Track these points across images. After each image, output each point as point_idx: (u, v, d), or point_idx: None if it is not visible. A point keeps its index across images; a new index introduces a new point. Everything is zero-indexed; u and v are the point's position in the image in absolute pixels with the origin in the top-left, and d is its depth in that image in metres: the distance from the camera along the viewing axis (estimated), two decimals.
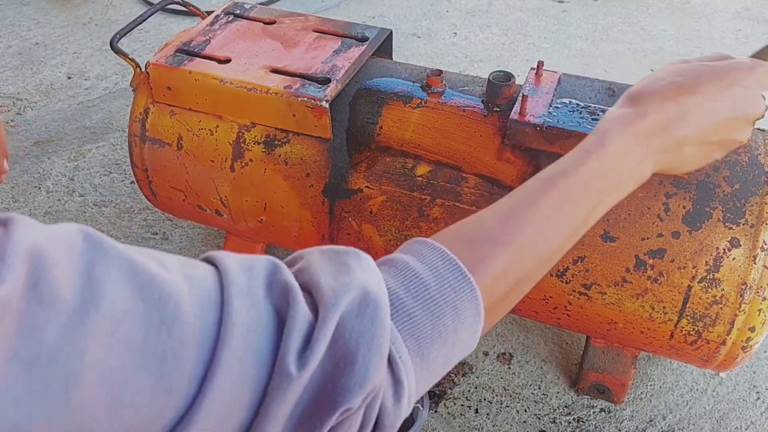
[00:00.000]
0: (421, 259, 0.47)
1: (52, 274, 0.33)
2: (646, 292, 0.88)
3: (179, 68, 1.00)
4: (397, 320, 0.44)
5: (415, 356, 0.44)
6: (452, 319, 0.45)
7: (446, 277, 0.46)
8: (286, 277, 0.42)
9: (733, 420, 1.08)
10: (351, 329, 0.40)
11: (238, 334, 0.38)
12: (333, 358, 0.40)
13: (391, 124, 0.97)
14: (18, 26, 2.08)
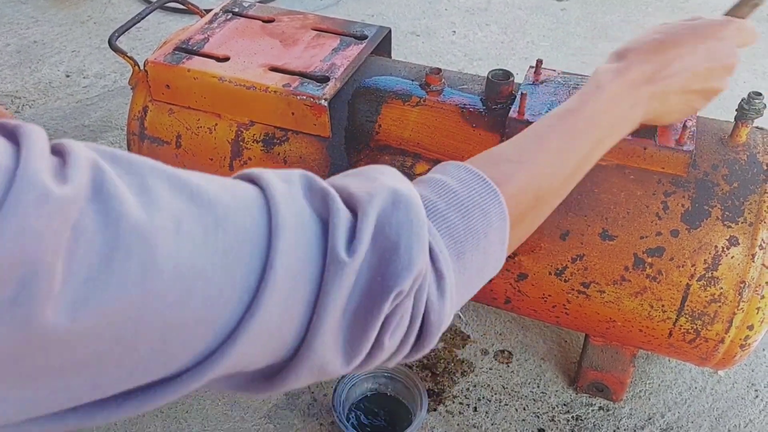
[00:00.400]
0: (448, 174, 0.52)
1: (113, 181, 0.35)
2: (644, 290, 0.88)
3: (178, 66, 1.00)
4: (432, 219, 0.47)
5: (452, 254, 0.47)
6: (481, 221, 0.49)
7: (473, 187, 0.50)
8: (322, 184, 0.44)
9: (731, 418, 1.08)
10: (389, 223, 0.43)
11: (289, 228, 0.40)
12: (378, 249, 0.42)
13: (390, 123, 0.97)
14: (16, 24, 2.08)
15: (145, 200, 0.36)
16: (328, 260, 0.41)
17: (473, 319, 1.22)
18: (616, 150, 0.86)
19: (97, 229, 0.33)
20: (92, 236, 0.33)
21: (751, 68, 1.91)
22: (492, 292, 0.98)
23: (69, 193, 0.33)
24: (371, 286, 0.42)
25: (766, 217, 0.83)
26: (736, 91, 1.80)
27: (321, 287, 0.41)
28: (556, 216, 0.89)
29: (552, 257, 0.91)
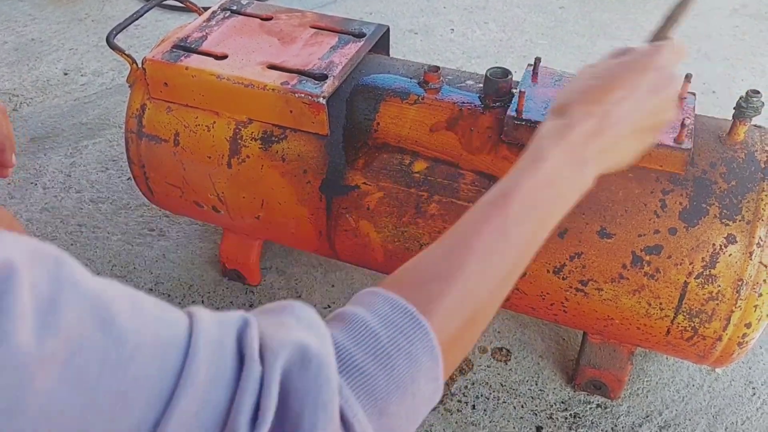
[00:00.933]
0: (371, 310, 0.46)
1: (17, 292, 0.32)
2: (642, 288, 0.88)
3: (176, 64, 1.00)
4: (348, 377, 0.42)
5: (373, 413, 0.42)
6: (407, 367, 0.44)
7: (397, 324, 0.45)
8: (253, 335, 0.41)
9: (729, 415, 1.08)
10: (295, 389, 0.39)
11: (199, 383, 0.37)
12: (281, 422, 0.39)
13: (389, 121, 0.97)
14: (14, 22, 2.07)
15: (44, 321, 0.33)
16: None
17: None
18: None
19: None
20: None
21: (749, 66, 1.91)
22: None
23: None
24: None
25: (763, 215, 0.83)
26: (735, 89, 1.80)
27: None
28: None
29: (550, 255, 0.91)
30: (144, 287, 1.27)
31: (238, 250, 1.23)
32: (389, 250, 1.01)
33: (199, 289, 1.27)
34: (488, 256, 0.51)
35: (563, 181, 0.56)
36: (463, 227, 0.53)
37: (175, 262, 1.32)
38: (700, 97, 1.29)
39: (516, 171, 0.56)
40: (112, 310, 0.36)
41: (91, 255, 1.33)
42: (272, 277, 1.29)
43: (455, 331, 0.48)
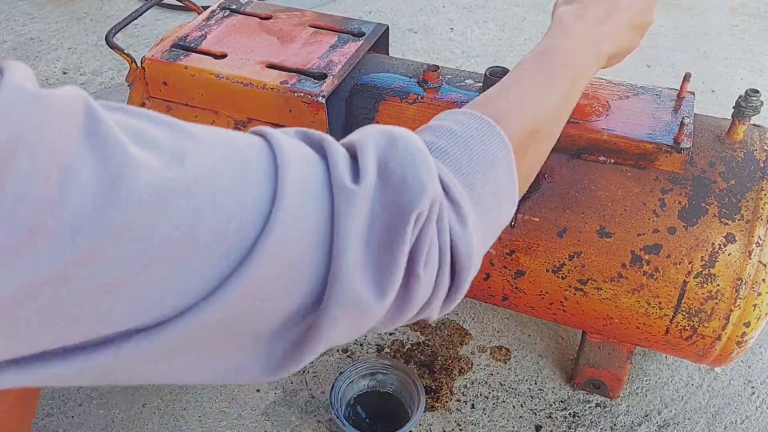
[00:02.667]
0: (443, 119, 0.53)
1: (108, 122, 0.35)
2: (641, 287, 0.88)
3: (175, 63, 1.00)
4: (435, 156, 0.47)
5: (463, 185, 0.47)
6: (484, 153, 0.50)
7: (470, 125, 0.51)
8: (317, 132, 0.46)
9: (728, 414, 1.08)
10: (392, 159, 0.43)
11: (294, 162, 0.41)
12: (386, 183, 0.42)
13: (388, 120, 0.97)
14: (13, 21, 2.07)
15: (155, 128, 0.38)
16: (335, 191, 0.41)
17: (471, 316, 1.22)
18: (616, 148, 0.86)
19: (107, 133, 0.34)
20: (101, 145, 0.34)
21: (748, 65, 1.91)
22: (489, 289, 0.99)
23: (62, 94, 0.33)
24: (389, 214, 0.42)
25: (762, 214, 0.83)
26: (734, 88, 1.80)
27: (333, 217, 0.41)
28: (554, 213, 0.90)
29: (549, 254, 0.91)
30: None
31: None
32: None
33: None
34: (539, 91, 0.61)
35: (588, 49, 0.67)
36: (515, 74, 0.63)
37: None
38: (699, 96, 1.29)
39: (548, 38, 0.67)
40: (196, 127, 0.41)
41: None
42: None
43: (521, 141, 0.55)
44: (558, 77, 0.63)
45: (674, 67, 1.90)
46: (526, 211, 0.91)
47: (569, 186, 0.90)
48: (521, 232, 0.91)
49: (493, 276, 0.96)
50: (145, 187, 0.34)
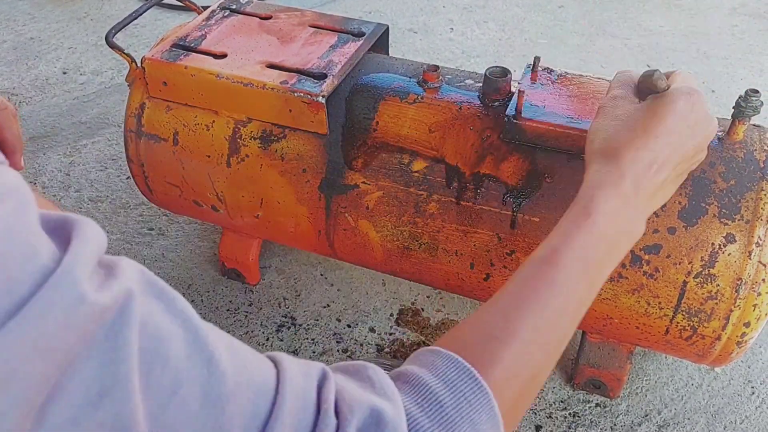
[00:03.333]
0: (435, 372, 0.47)
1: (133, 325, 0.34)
2: (641, 287, 0.88)
3: (175, 63, 1.00)
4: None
5: None
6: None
7: (461, 390, 0.46)
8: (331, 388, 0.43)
9: (728, 414, 1.08)
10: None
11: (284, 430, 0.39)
12: None
13: (388, 120, 0.97)
14: (13, 21, 2.07)
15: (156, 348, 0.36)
16: None
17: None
18: None
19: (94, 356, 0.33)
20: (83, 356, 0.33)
21: (748, 65, 1.92)
22: (489, 290, 0.99)
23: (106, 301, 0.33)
24: None
25: (762, 214, 0.83)
26: (734, 88, 1.80)
27: None
28: (554, 213, 0.90)
29: None
30: None
31: (237, 249, 1.23)
32: (388, 249, 1.01)
33: (199, 288, 1.27)
34: (544, 316, 0.51)
35: (616, 234, 0.56)
36: (516, 286, 0.53)
37: (175, 261, 1.32)
38: None
39: (567, 224, 0.56)
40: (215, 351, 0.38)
41: None
42: (271, 276, 1.29)
43: (514, 394, 0.49)
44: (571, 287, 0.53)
45: (674, 67, 1.90)
46: (526, 211, 0.91)
47: (569, 186, 0.90)
48: (521, 232, 0.91)
49: (493, 276, 0.96)
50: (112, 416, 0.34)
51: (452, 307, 1.23)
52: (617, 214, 0.57)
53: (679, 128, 0.61)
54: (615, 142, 0.60)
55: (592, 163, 0.61)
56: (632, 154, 0.59)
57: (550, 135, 0.88)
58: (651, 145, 0.59)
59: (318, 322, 1.21)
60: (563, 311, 0.53)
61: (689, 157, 0.63)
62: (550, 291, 0.52)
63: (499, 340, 0.49)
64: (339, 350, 1.16)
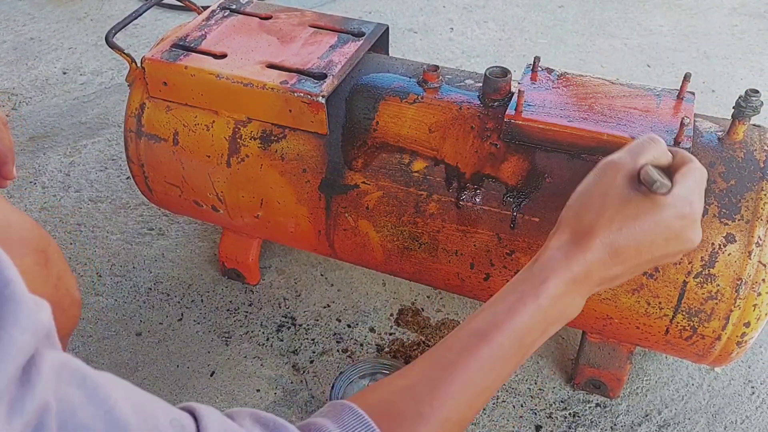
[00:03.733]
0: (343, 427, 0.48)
1: None
2: (641, 287, 0.88)
3: (175, 63, 1.00)
4: None
5: None
6: None
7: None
8: None
9: (728, 414, 1.08)
10: None
11: None
12: None
13: (388, 120, 0.97)
14: (13, 21, 2.07)
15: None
16: None
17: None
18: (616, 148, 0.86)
19: None
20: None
21: (748, 65, 1.91)
22: (489, 290, 0.99)
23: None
24: None
25: (762, 214, 0.83)
26: (734, 88, 1.80)
27: None
28: (554, 213, 0.90)
29: None
30: (143, 286, 1.27)
31: (237, 249, 1.23)
32: (388, 249, 1.01)
33: (198, 288, 1.27)
34: (468, 393, 0.52)
35: (557, 315, 0.57)
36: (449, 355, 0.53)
37: (175, 261, 1.32)
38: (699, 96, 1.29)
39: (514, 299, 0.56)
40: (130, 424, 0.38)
41: (90, 254, 1.33)
42: (271, 277, 1.29)
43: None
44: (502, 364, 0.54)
45: (674, 67, 1.90)
46: (526, 211, 0.91)
47: (569, 186, 0.89)
48: (521, 232, 0.91)
49: (493, 276, 0.96)
50: None
51: (452, 307, 1.23)
52: (563, 298, 0.57)
53: (656, 238, 0.59)
54: (588, 222, 0.60)
55: (560, 232, 0.60)
56: (596, 242, 0.58)
57: (550, 135, 0.88)
58: (618, 241, 0.58)
59: (318, 322, 1.21)
60: (489, 388, 0.54)
61: (657, 260, 0.62)
62: (480, 368, 0.53)
63: (420, 416, 0.50)
64: (339, 350, 1.16)
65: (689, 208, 0.59)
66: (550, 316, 0.57)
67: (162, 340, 1.18)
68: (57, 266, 0.73)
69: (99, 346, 1.17)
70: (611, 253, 0.58)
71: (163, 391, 1.10)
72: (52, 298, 0.73)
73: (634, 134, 0.86)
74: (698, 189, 0.60)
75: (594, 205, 0.60)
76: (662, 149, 0.60)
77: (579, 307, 0.59)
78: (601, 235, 0.58)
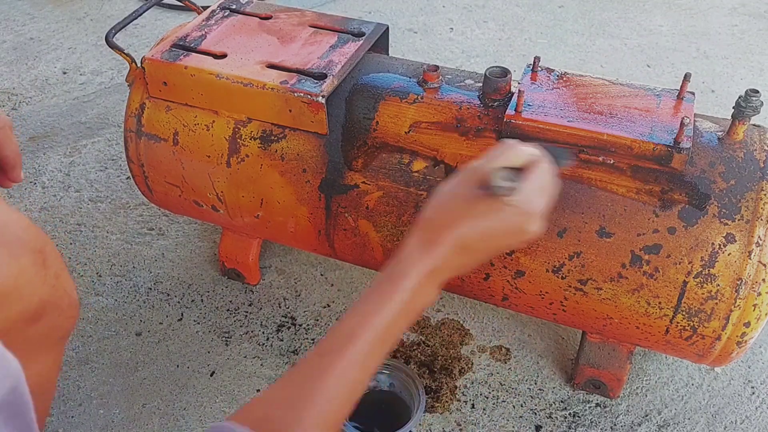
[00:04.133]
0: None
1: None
2: (641, 287, 0.88)
3: (175, 63, 1.00)
4: None
5: None
6: None
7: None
8: None
9: (728, 414, 1.08)
10: None
11: None
12: None
13: (388, 120, 0.97)
14: (13, 21, 2.07)
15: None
16: None
17: (471, 316, 1.22)
18: (616, 148, 0.86)
19: None
20: None
21: (748, 65, 1.91)
22: (489, 289, 0.99)
23: None
24: None
25: (762, 214, 0.83)
26: (734, 88, 1.80)
27: None
28: (554, 213, 0.90)
29: (549, 254, 0.91)
30: (143, 286, 1.27)
31: (237, 249, 1.23)
32: (388, 249, 1.01)
33: (198, 288, 1.27)
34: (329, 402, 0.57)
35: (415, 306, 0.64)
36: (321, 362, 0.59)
37: (175, 261, 1.32)
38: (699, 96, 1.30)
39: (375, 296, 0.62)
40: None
41: (90, 254, 1.33)
42: (271, 276, 1.29)
43: None
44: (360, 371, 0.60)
45: (674, 67, 1.90)
46: None
47: (569, 186, 0.90)
48: None
49: (493, 276, 0.96)
50: None
51: (452, 307, 1.23)
52: (421, 290, 0.63)
53: (498, 230, 0.66)
54: (440, 222, 0.66)
55: (417, 231, 0.66)
56: (448, 239, 0.65)
57: (549, 135, 0.88)
58: (466, 236, 0.65)
59: (318, 322, 1.21)
60: (361, 382, 0.60)
61: (498, 250, 0.69)
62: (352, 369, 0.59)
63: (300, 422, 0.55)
64: None
65: (529, 206, 0.66)
66: (410, 308, 0.63)
67: (162, 340, 1.18)
68: (54, 266, 0.73)
69: (99, 346, 1.17)
70: (460, 246, 0.65)
71: (163, 391, 1.10)
72: (50, 299, 0.73)
73: (634, 134, 0.86)
74: (540, 188, 0.67)
75: (447, 205, 0.67)
76: (516, 154, 0.67)
77: (435, 295, 0.66)
78: (451, 231, 0.65)
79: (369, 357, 0.60)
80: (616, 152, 0.87)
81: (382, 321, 0.61)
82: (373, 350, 0.61)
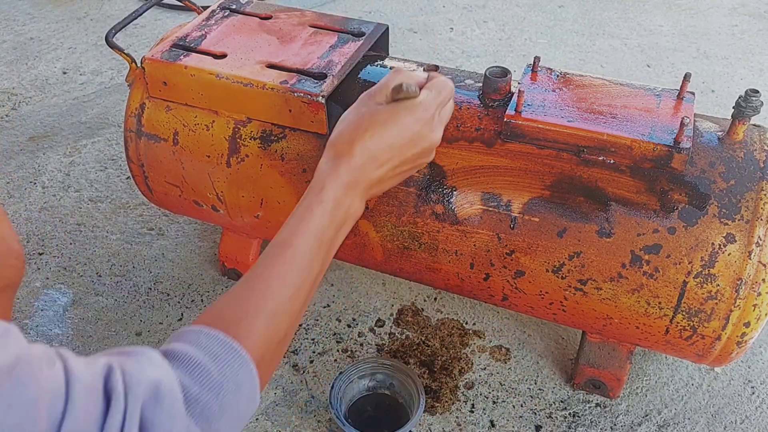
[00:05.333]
0: (200, 347, 0.57)
1: None
2: (641, 287, 0.88)
3: (175, 63, 1.00)
4: (189, 407, 0.53)
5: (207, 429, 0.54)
6: (234, 393, 0.56)
7: (224, 359, 0.57)
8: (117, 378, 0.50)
9: (728, 414, 1.08)
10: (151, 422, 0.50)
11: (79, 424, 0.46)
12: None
13: None
14: (13, 21, 2.07)
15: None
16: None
17: (471, 316, 1.22)
18: (616, 148, 0.87)
19: None
20: None
21: (748, 65, 1.92)
22: (489, 289, 0.99)
23: None
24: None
25: (762, 214, 0.83)
26: (734, 88, 1.80)
27: None
28: (554, 213, 0.90)
29: (549, 254, 0.91)
30: (143, 286, 1.27)
31: (237, 249, 1.23)
32: (388, 249, 1.01)
33: (198, 288, 1.27)
34: (284, 285, 0.64)
35: (342, 215, 0.70)
36: (262, 263, 0.66)
37: (174, 261, 1.32)
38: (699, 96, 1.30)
39: (304, 207, 0.69)
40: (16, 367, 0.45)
41: (89, 254, 1.33)
42: None
43: (267, 355, 0.62)
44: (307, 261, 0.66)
45: (674, 67, 1.90)
46: (526, 211, 0.91)
47: (569, 186, 0.90)
48: (521, 232, 0.91)
49: (493, 276, 0.96)
50: None
51: (452, 307, 1.23)
52: (343, 200, 0.69)
53: (401, 137, 0.71)
54: (346, 137, 0.71)
55: (327, 151, 0.72)
56: (356, 150, 0.70)
57: (549, 135, 0.88)
58: (372, 146, 0.70)
59: (318, 322, 1.21)
60: (303, 283, 0.66)
61: (410, 161, 0.74)
62: (290, 269, 0.65)
63: (252, 317, 0.61)
64: (339, 350, 1.16)
65: (425, 113, 0.72)
66: (337, 216, 0.69)
67: (162, 340, 1.18)
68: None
69: (99, 346, 1.17)
70: (370, 158, 0.70)
71: None
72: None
73: (634, 134, 0.86)
74: (436, 96, 0.73)
75: (352, 123, 0.72)
76: (410, 75, 0.74)
77: (360, 208, 0.72)
78: (358, 143, 0.70)
79: (307, 260, 0.66)
80: (616, 152, 0.87)
81: (310, 227, 0.67)
82: (311, 254, 0.67)
